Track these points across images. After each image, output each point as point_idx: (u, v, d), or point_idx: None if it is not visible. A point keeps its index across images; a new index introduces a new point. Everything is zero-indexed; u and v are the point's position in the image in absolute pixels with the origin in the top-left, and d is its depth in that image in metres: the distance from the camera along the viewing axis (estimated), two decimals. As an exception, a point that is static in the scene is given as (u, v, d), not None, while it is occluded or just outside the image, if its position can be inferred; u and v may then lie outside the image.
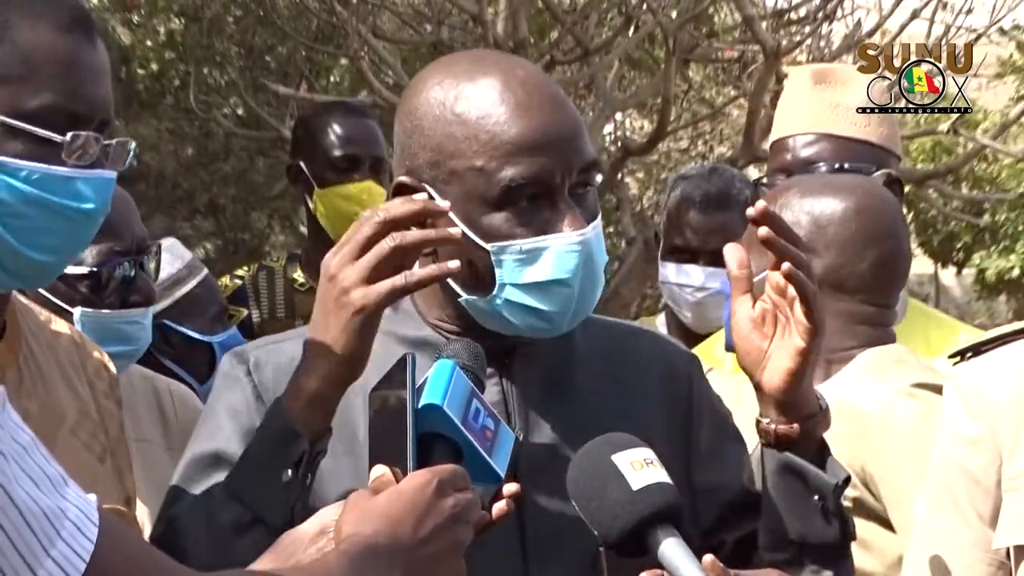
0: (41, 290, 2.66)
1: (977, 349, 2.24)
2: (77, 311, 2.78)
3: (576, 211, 1.89)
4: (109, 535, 1.35)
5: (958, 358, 2.24)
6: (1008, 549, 2.11)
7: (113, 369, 2.20)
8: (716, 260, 3.61)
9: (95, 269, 2.80)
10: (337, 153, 4.00)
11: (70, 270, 2.68)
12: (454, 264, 1.84)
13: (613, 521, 1.72)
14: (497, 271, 1.90)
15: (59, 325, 2.16)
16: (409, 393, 1.67)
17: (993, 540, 2.12)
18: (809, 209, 2.64)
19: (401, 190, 1.94)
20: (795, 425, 1.89)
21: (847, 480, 1.93)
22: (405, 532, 1.58)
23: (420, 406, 1.68)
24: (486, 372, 1.83)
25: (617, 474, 1.73)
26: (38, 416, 1.96)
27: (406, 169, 1.95)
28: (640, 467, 1.73)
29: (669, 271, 3.74)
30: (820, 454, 1.93)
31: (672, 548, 1.69)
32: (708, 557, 1.71)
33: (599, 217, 1.94)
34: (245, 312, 4.03)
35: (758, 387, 1.91)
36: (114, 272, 2.82)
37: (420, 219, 1.85)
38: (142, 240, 2.90)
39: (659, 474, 1.74)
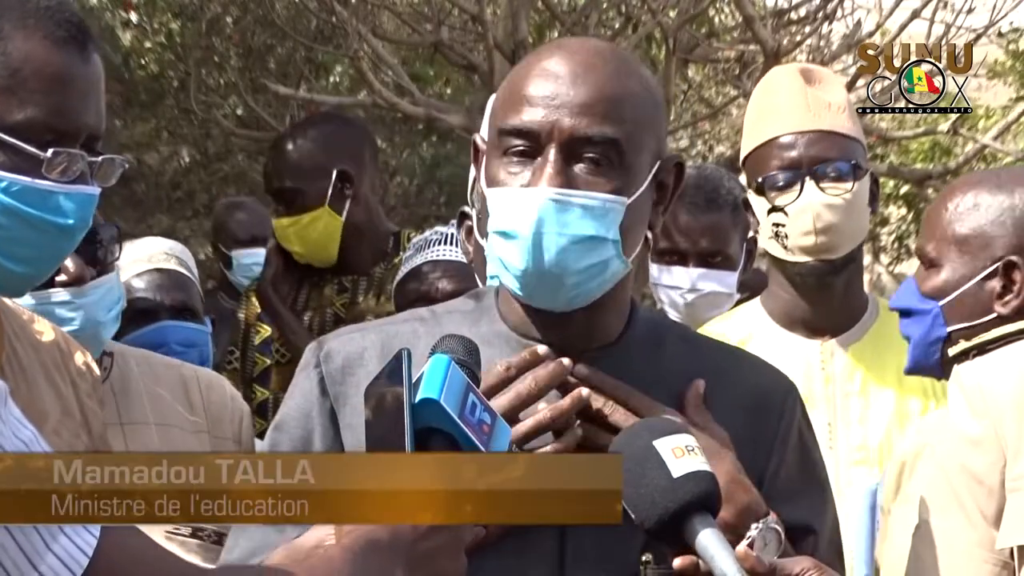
0: None
1: (981, 348, 2.23)
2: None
3: (556, 170, 1.83)
4: (114, 530, 1.35)
5: (962, 357, 2.23)
6: (1012, 549, 2.11)
7: (96, 370, 2.20)
8: (705, 262, 3.61)
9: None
10: None
11: None
12: (587, 392, 1.86)
13: (652, 508, 1.71)
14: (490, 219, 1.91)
15: (42, 326, 2.16)
16: (406, 388, 1.65)
17: (997, 540, 2.12)
18: (1011, 204, 2.53)
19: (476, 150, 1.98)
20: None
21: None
22: (405, 527, 1.58)
23: (417, 400, 1.66)
24: (481, 367, 1.80)
25: (658, 460, 1.72)
26: None
27: None
28: (681, 454, 1.73)
29: (659, 273, 3.71)
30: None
31: (709, 538, 1.69)
32: (741, 547, 1.70)
33: (603, 193, 1.84)
34: None
35: None
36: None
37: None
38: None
39: (700, 462, 1.73)
